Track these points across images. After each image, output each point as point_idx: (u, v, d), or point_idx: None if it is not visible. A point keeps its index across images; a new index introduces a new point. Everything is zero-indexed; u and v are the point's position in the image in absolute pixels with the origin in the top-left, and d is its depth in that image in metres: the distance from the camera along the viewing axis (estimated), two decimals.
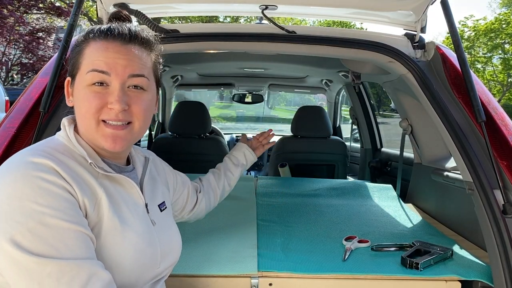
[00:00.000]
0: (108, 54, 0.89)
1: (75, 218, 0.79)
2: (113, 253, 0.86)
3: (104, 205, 0.87)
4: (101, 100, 0.88)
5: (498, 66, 20.87)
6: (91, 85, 0.89)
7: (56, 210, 0.77)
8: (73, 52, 0.95)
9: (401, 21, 1.74)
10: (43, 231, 0.74)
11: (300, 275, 1.28)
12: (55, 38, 15.05)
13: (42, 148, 0.86)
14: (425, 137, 2.16)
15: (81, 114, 0.91)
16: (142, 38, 0.95)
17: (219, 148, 2.91)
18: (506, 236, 1.18)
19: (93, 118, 0.89)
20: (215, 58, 2.95)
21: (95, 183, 0.87)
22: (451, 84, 1.47)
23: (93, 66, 0.89)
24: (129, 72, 0.90)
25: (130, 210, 0.93)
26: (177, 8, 1.84)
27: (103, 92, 0.89)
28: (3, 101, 7.98)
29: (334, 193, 2.26)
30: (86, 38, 0.93)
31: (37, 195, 0.76)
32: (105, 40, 0.91)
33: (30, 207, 0.75)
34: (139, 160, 1.09)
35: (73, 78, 0.94)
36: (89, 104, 0.88)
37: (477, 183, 1.27)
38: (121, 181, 0.94)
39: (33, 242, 0.74)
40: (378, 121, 3.37)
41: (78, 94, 0.91)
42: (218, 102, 8.48)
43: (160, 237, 1.00)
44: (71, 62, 0.95)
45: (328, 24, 20.78)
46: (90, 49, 0.91)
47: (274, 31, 1.61)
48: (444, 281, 1.27)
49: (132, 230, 0.90)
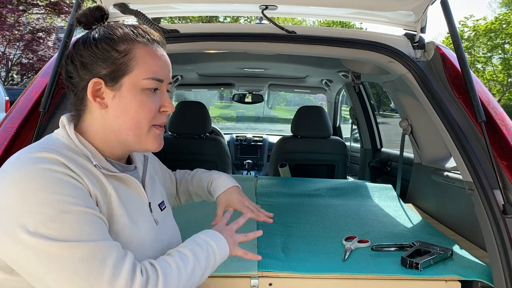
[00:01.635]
0: (162, 62, 0.94)
1: (91, 204, 0.80)
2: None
3: (114, 202, 0.87)
4: (156, 106, 0.93)
5: (498, 66, 20.88)
6: (146, 90, 0.91)
7: (74, 198, 0.77)
8: (108, 51, 0.89)
9: (401, 21, 1.74)
10: (65, 218, 0.75)
11: (300, 275, 1.28)
12: (55, 38, 15.05)
13: (44, 145, 0.85)
14: (425, 137, 2.16)
15: (133, 119, 0.90)
16: (165, 43, 0.99)
17: (219, 148, 2.91)
18: (506, 236, 1.18)
19: (149, 123, 0.92)
20: (215, 58, 2.95)
21: (105, 180, 0.88)
22: (451, 84, 1.47)
23: (154, 75, 0.91)
24: (170, 79, 0.98)
25: (136, 208, 0.94)
26: (177, 8, 1.84)
27: (156, 97, 0.93)
28: (3, 101, 7.98)
29: (334, 193, 2.26)
30: (130, 38, 0.90)
31: (53, 185, 0.76)
32: (153, 45, 0.93)
33: (48, 198, 0.75)
34: (139, 159, 1.09)
35: (114, 79, 0.89)
36: (148, 110, 0.91)
37: (477, 183, 1.27)
38: (126, 180, 0.94)
39: (57, 229, 0.74)
40: (378, 121, 3.37)
41: (130, 98, 0.90)
42: (218, 102, 8.48)
43: (163, 235, 1.01)
44: (107, 62, 0.89)
45: (328, 24, 20.78)
46: (142, 53, 0.91)
47: (274, 31, 1.61)
48: (444, 281, 1.27)
49: (140, 228, 0.91)
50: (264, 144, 4.47)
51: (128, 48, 0.90)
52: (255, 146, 4.45)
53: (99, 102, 0.90)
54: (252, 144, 4.46)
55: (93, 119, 0.92)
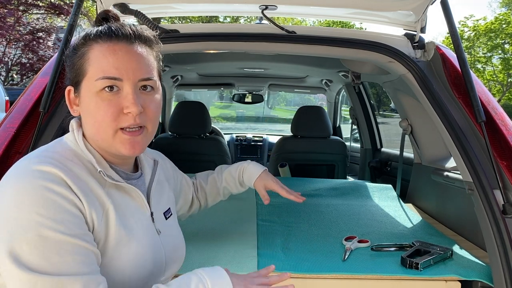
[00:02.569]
0: (117, 57, 0.86)
1: (77, 232, 0.77)
2: (118, 263, 0.85)
3: (111, 216, 0.85)
4: (115, 107, 0.85)
5: (498, 66, 20.87)
6: (101, 91, 0.85)
7: (57, 223, 0.75)
8: (72, 57, 0.89)
9: (401, 21, 1.74)
10: (40, 244, 0.73)
11: (300, 275, 1.28)
12: (55, 38, 15.05)
13: (50, 154, 0.83)
14: (425, 137, 2.16)
15: (94, 123, 0.87)
16: (145, 36, 0.92)
17: (219, 148, 2.91)
18: (506, 236, 1.18)
19: (110, 126, 0.85)
20: (215, 58, 2.95)
21: (103, 193, 0.85)
22: (451, 84, 1.47)
23: (104, 73, 0.85)
24: (139, 76, 0.88)
25: (135, 220, 0.91)
26: (177, 8, 1.84)
27: (116, 98, 0.86)
28: (3, 101, 7.98)
29: (334, 193, 2.26)
30: (86, 40, 0.88)
31: (39, 205, 0.74)
32: (110, 42, 0.87)
33: (30, 217, 0.74)
34: (147, 164, 1.06)
35: (77, 85, 0.89)
36: (104, 113, 0.85)
37: (477, 183, 1.27)
38: (128, 190, 0.92)
39: (28, 254, 0.73)
40: (378, 121, 3.37)
41: (88, 103, 0.86)
42: (218, 102, 8.48)
43: (165, 246, 0.99)
44: (72, 69, 0.89)
45: (328, 24, 20.78)
46: (95, 53, 0.86)
47: (274, 31, 1.61)
48: (444, 281, 1.27)
49: (137, 241, 0.89)
50: (264, 144, 4.47)
51: (85, 50, 0.87)
52: (255, 146, 4.45)
53: (74, 109, 0.91)
54: (252, 144, 4.46)
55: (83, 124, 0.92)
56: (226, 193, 1.43)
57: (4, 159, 1.19)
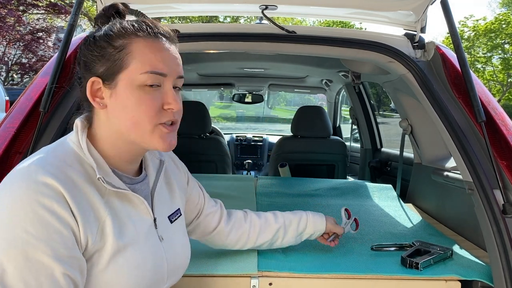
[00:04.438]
0: (164, 54, 0.87)
1: (62, 254, 0.75)
2: (117, 274, 0.83)
3: (108, 228, 0.83)
4: (158, 102, 0.86)
5: (498, 66, 20.88)
6: (144, 86, 0.84)
7: (42, 243, 0.73)
8: (105, 48, 0.85)
9: (401, 21, 1.74)
10: (21, 263, 0.71)
11: (300, 275, 1.28)
12: (55, 38, 15.06)
13: (51, 160, 0.81)
14: (425, 137, 2.16)
15: (132, 117, 0.85)
16: (175, 37, 0.94)
17: (219, 148, 2.91)
18: (506, 236, 1.18)
19: (151, 122, 0.85)
20: (215, 58, 2.95)
21: (101, 203, 0.83)
22: (451, 84, 1.47)
23: (152, 68, 0.84)
24: (178, 73, 0.90)
25: (136, 228, 0.89)
26: (177, 8, 1.84)
27: (157, 94, 0.86)
28: (3, 101, 7.99)
29: (334, 193, 2.26)
30: (126, 33, 0.86)
31: (28, 221, 0.72)
32: (156, 38, 0.87)
33: (16, 233, 0.72)
34: (153, 164, 1.03)
35: (110, 77, 0.85)
36: (146, 107, 0.84)
37: (477, 183, 1.27)
38: (129, 197, 0.90)
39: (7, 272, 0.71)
40: (378, 121, 3.37)
41: (127, 96, 0.84)
42: (218, 102, 8.48)
43: (168, 253, 0.96)
44: (107, 60, 0.85)
45: (328, 24, 20.78)
46: (140, 47, 0.85)
47: (274, 31, 1.61)
48: (444, 281, 1.27)
49: (136, 250, 0.87)
50: (264, 144, 4.47)
51: (126, 42, 0.85)
52: (255, 146, 4.45)
53: (98, 102, 0.87)
54: (252, 144, 4.46)
55: (100, 121, 0.89)
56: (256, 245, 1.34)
57: (4, 159, 1.19)
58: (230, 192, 2.10)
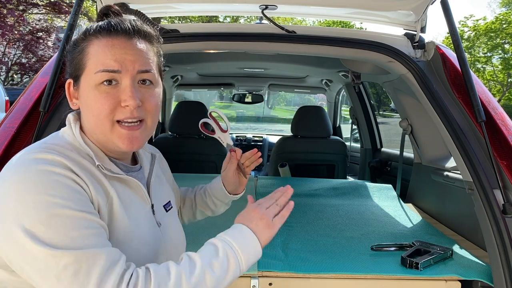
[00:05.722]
0: (115, 51, 0.86)
1: (87, 208, 0.78)
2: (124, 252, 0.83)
3: (115, 206, 0.86)
4: (113, 100, 0.86)
5: (498, 66, 20.88)
6: (100, 85, 0.86)
7: (68, 200, 0.76)
8: (72, 52, 0.91)
9: (401, 21, 1.74)
10: (56, 222, 0.74)
11: (300, 274, 1.28)
12: (55, 38, 15.06)
13: (47, 146, 0.83)
14: (425, 137, 2.16)
15: (92, 116, 0.87)
16: (144, 31, 0.93)
17: (219, 148, 2.91)
18: (506, 236, 1.18)
19: (107, 119, 0.86)
20: (215, 58, 2.95)
21: (107, 182, 0.86)
22: (451, 84, 1.47)
23: (103, 66, 0.85)
24: (138, 67, 0.88)
25: (137, 211, 0.92)
26: (177, 8, 1.84)
27: (114, 91, 0.86)
28: (3, 101, 7.99)
29: (334, 193, 2.26)
30: (86, 36, 0.89)
31: (47, 186, 0.75)
32: (109, 36, 0.88)
33: (42, 199, 0.74)
34: (146, 157, 1.07)
35: (76, 79, 0.90)
36: (101, 106, 0.85)
37: (477, 183, 1.27)
38: (129, 182, 0.93)
39: (47, 233, 0.73)
40: (378, 121, 3.37)
41: (86, 96, 0.87)
42: (218, 102, 8.49)
43: (166, 238, 0.99)
44: (72, 63, 0.90)
45: (328, 24, 20.78)
46: (95, 47, 0.87)
47: (274, 31, 1.61)
48: (444, 280, 1.27)
49: (139, 231, 0.90)
50: (264, 144, 4.48)
51: (85, 45, 0.88)
52: (255, 146, 4.45)
53: (73, 102, 0.92)
54: (252, 144, 4.46)
55: (82, 117, 0.92)
56: (199, 215, 1.39)
57: (4, 158, 1.19)
58: None
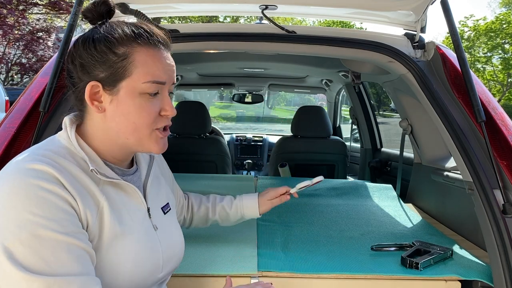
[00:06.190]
0: (164, 62, 0.91)
1: (71, 230, 0.76)
2: (114, 261, 0.84)
3: (105, 213, 0.85)
4: (156, 109, 0.90)
5: (498, 66, 20.88)
6: (145, 94, 0.88)
7: (51, 221, 0.74)
8: (107, 54, 0.86)
9: (401, 21, 1.74)
10: (35, 243, 0.72)
11: (300, 275, 1.28)
12: (55, 38, 15.05)
13: (41, 152, 0.82)
14: (425, 137, 2.16)
15: (132, 123, 0.88)
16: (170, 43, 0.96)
17: (219, 148, 2.91)
18: (506, 236, 1.18)
19: (149, 127, 0.89)
20: (215, 58, 2.95)
21: (97, 190, 0.85)
22: (451, 84, 1.47)
23: (154, 78, 0.88)
24: (173, 80, 0.95)
25: (131, 216, 0.91)
26: (177, 8, 1.84)
27: (155, 101, 0.90)
28: (3, 101, 7.99)
29: (334, 193, 2.26)
30: (128, 41, 0.87)
31: (32, 204, 0.74)
32: (155, 47, 0.90)
33: (24, 217, 0.73)
34: (143, 158, 1.07)
35: (112, 83, 0.87)
36: (147, 114, 0.88)
37: (477, 183, 1.27)
38: (123, 186, 0.92)
39: (24, 254, 0.71)
40: (378, 121, 3.37)
41: (128, 103, 0.87)
42: (218, 102, 8.49)
43: (163, 242, 0.99)
44: (109, 67, 0.86)
45: (328, 24, 20.78)
46: (141, 56, 0.87)
47: (274, 31, 1.61)
48: (444, 281, 1.27)
49: (133, 237, 0.89)
50: (264, 144, 4.48)
51: (128, 51, 0.86)
52: (255, 146, 4.46)
53: (96, 105, 0.88)
54: (252, 144, 4.46)
55: (93, 120, 0.91)
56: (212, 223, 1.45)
57: (4, 159, 1.19)
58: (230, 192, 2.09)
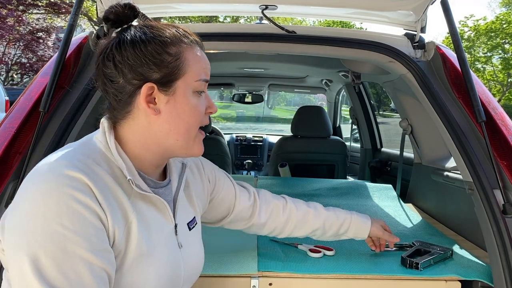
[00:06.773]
0: (206, 62, 0.93)
1: (98, 247, 0.74)
2: (135, 281, 0.82)
3: (133, 230, 0.82)
4: (204, 107, 0.91)
5: (498, 66, 20.88)
6: (196, 93, 0.89)
7: (79, 236, 0.72)
8: (161, 54, 0.85)
9: (401, 21, 1.74)
10: (59, 257, 0.70)
11: (300, 275, 1.28)
12: (55, 38, 15.06)
13: (79, 157, 0.79)
14: (425, 137, 2.16)
15: (186, 123, 0.88)
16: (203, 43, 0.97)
17: (219, 148, 2.91)
18: (506, 236, 1.18)
19: (197, 127, 0.90)
20: (215, 58, 2.94)
21: (128, 203, 0.82)
22: (451, 84, 1.47)
23: (205, 76, 0.90)
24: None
25: (158, 233, 0.88)
26: (177, 8, 1.84)
27: (202, 99, 0.91)
28: (3, 101, 7.99)
29: (334, 193, 2.26)
30: (177, 41, 0.88)
31: (63, 215, 0.71)
32: (197, 46, 0.92)
33: (53, 228, 0.71)
34: (175, 168, 1.02)
35: (167, 84, 0.85)
36: (199, 113, 0.89)
37: (477, 183, 1.27)
38: (154, 201, 0.89)
39: (46, 266, 0.70)
40: (378, 121, 3.37)
41: (184, 103, 0.87)
42: (218, 102, 8.49)
43: (186, 260, 0.96)
44: (167, 67, 0.85)
45: (328, 24, 20.78)
46: (191, 54, 0.89)
47: (274, 31, 1.61)
48: (444, 281, 1.27)
49: (158, 256, 0.86)
50: (264, 144, 4.48)
51: (180, 50, 0.87)
52: (255, 146, 4.46)
53: (152, 108, 0.85)
54: (252, 144, 4.46)
55: (136, 125, 0.87)
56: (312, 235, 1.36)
57: (4, 159, 1.19)
58: None
